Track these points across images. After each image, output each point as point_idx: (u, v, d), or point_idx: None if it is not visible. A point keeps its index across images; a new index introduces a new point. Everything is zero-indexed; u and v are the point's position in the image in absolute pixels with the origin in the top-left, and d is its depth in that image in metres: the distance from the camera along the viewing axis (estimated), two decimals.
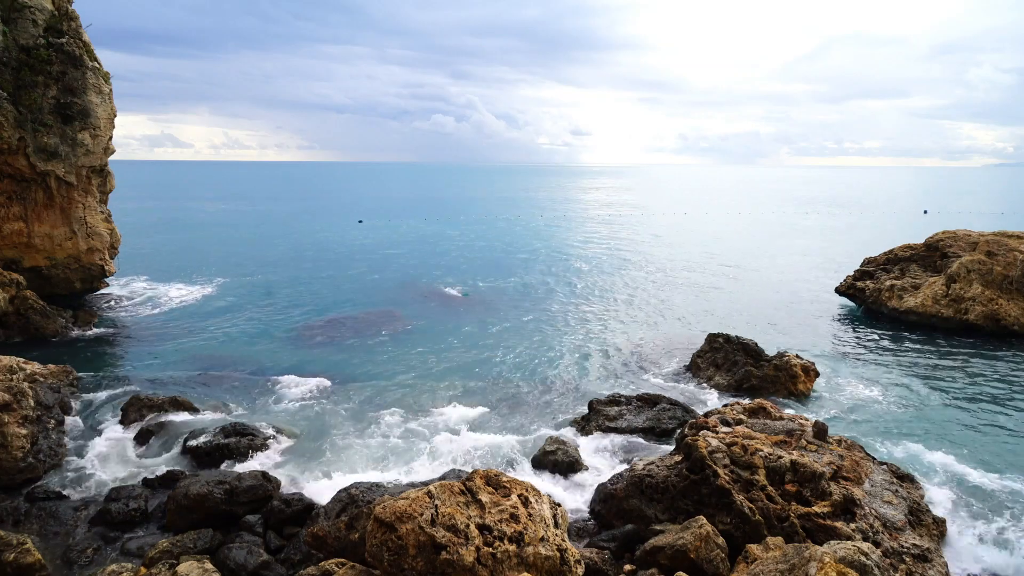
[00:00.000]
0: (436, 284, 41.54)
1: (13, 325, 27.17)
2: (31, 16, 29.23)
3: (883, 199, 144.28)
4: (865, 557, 9.86)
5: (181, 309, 34.11)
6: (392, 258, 52.99)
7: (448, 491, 10.61)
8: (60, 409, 18.40)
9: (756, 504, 12.71)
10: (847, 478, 13.59)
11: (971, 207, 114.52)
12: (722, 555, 11.79)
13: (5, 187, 29.71)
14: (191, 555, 12.40)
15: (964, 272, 30.47)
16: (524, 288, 40.76)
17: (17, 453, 15.85)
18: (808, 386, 22.16)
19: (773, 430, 15.25)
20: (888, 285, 33.40)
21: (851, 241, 64.73)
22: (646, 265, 50.07)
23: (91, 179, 32.63)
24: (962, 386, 23.20)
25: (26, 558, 12.10)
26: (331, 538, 11.99)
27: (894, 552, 11.85)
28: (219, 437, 17.36)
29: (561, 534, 10.85)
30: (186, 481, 14.52)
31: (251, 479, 14.60)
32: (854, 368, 25.18)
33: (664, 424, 18.68)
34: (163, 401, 19.30)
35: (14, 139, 28.36)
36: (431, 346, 27.88)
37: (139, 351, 26.86)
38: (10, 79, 28.39)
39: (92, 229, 32.58)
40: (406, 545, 9.77)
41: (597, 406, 19.81)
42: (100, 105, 31.17)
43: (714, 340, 24.22)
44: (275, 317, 32.69)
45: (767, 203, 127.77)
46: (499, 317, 33.11)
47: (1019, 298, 29.30)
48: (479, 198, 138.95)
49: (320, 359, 25.95)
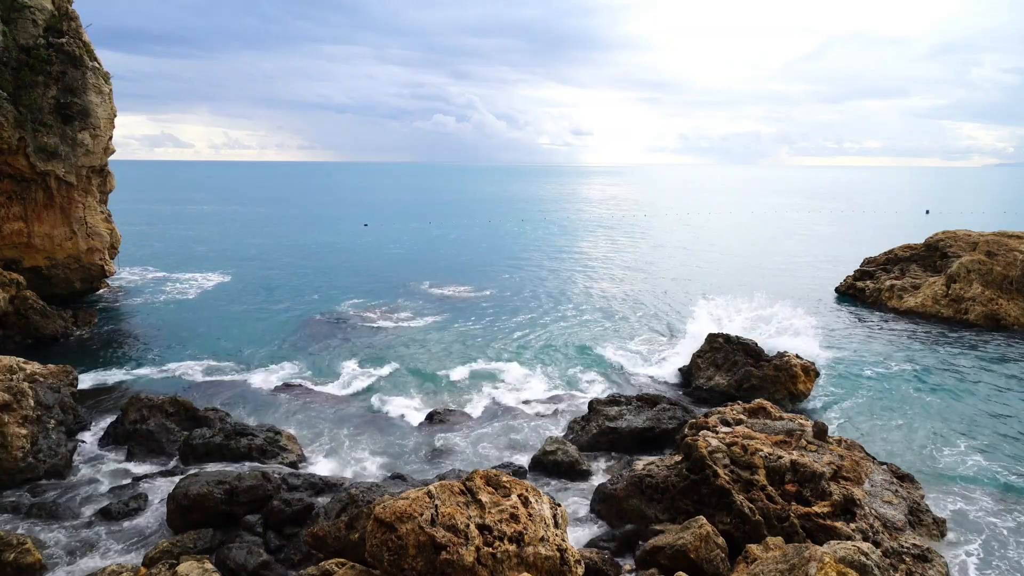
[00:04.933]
0: (437, 284, 41.52)
1: (13, 325, 27.16)
2: (31, 16, 29.23)
3: (883, 199, 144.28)
4: (865, 557, 9.86)
5: (182, 309, 34.10)
6: (394, 258, 53.00)
7: (448, 491, 10.60)
8: (60, 409, 18.39)
9: (756, 504, 12.71)
10: (847, 478, 13.59)
11: (971, 207, 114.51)
12: (722, 555, 11.79)
13: (5, 187, 29.71)
14: (191, 555, 12.39)
15: (964, 272, 30.47)
16: (524, 288, 40.75)
17: (17, 453, 15.85)
18: (808, 386, 22.15)
19: (773, 430, 15.24)
20: (888, 285, 33.40)
21: (851, 241, 64.72)
22: (646, 265, 50.07)
23: (91, 179, 32.63)
24: (962, 386, 23.20)
25: (26, 558, 12.10)
26: (331, 538, 11.98)
27: (894, 552, 11.85)
28: (219, 437, 17.36)
29: (561, 534, 10.84)
30: (186, 481, 14.50)
31: (251, 479, 14.59)
32: (854, 368, 25.17)
33: (664, 424, 18.67)
34: (163, 401, 19.28)
35: (14, 139, 28.36)
36: (432, 346, 27.89)
37: (139, 350, 26.86)
38: (10, 79, 28.39)
39: (92, 229, 32.58)
40: (406, 545, 9.77)
41: (597, 406, 19.80)
42: (100, 105, 31.16)
43: (714, 340, 24.20)
44: (275, 317, 32.68)
45: (767, 203, 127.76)
46: (498, 317, 33.10)
47: (1019, 298, 29.30)
48: (480, 198, 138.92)
49: (321, 359, 25.94)
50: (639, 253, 56.93)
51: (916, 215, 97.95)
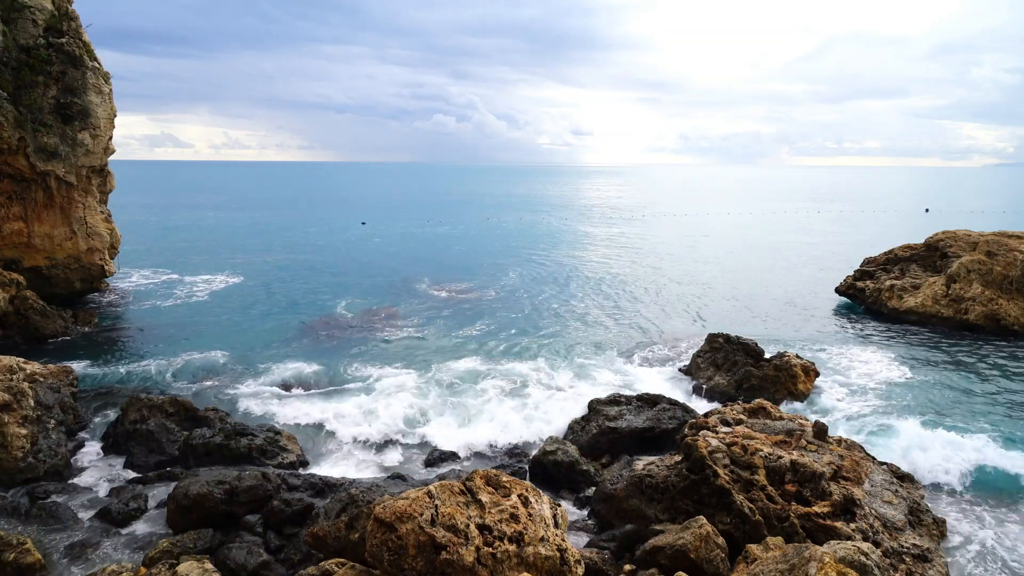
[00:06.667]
0: (436, 283, 41.52)
1: (13, 325, 27.15)
2: (31, 16, 29.23)
3: (883, 199, 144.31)
4: (865, 557, 9.86)
5: (182, 309, 34.10)
6: (394, 258, 52.99)
7: (448, 491, 10.60)
8: (60, 409, 18.39)
9: (756, 504, 12.71)
10: (847, 478, 13.59)
11: (971, 207, 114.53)
12: (722, 555, 11.79)
13: (5, 187, 29.70)
14: (191, 555, 12.40)
15: (964, 272, 30.47)
16: (524, 287, 40.75)
17: (17, 453, 15.85)
18: (808, 386, 22.15)
19: (773, 430, 15.25)
20: (888, 285, 33.41)
21: (851, 241, 64.73)
22: (646, 265, 50.07)
23: (91, 179, 32.63)
24: (962, 386, 23.20)
25: (26, 558, 12.11)
26: (331, 538, 11.98)
27: (894, 552, 11.85)
28: (219, 437, 17.37)
29: (561, 534, 10.84)
30: (186, 481, 14.50)
31: (251, 479, 14.59)
32: (854, 368, 25.17)
33: (664, 424, 18.67)
34: (163, 401, 19.29)
35: (14, 139, 28.35)
36: (431, 345, 27.88)
37: (139, 351, 26.85)
38: (10, 79, 28.39)
39: (92, 229, 32.58)
40: (406, 545, 9.77)
41: (597, 406, 19.80)
42: (100, 105, 31.16)
43: (714, 340, 24.21)
44: (276, 318, 32.67)
45: (767, 203, 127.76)
46: (498, 316, 33.10)
47: (1019, 298, 29.30)
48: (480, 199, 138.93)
49: (321, 359, 25.91)
50: (639, 253, 56.93)
51: (916, 215, 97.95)
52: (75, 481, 16.41)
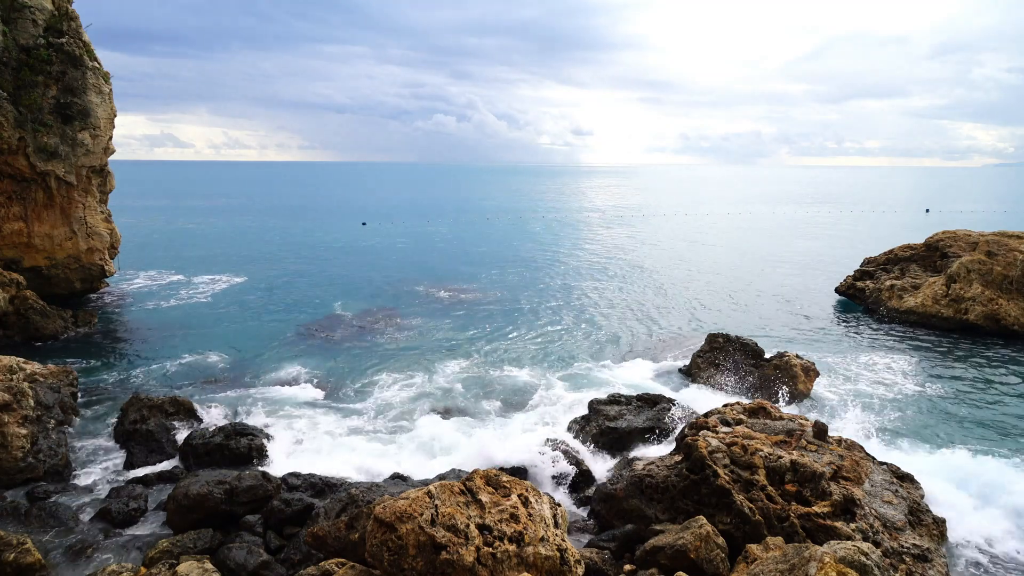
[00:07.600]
0: (437, 284, 41.53)
1: (13, 325, 27.15)
2: (31, 16, 29.24)
3: (883, 199, 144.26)
4: (865, 557, 9.85)
5: (181, 309, 34.11)
6: (394, 259, 53.00)
7: (448, 491, 10.60)
8: (60, 409, 18.39)
9: (756, 504, 12.70)
10: (847, 478, 13.58)
11: (971, 207, 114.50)
12: (722, 555, 11.78)
13: (5, 187, 29.71)
14: (191, 555, 12.39)
15: (964, 272, 30.46)
16: (524, 287, 40.75)
17: (17, 453, 15.85)
18: (808, 386, 22.15)
19: (773, 430, 15.24)
20: (888, 285, 33.40)
21: (851, 241, 64.73)
22: (646, 265, 50.07)
23: (91, 179, 32.63)
24: (962, 386, 23.20)
25: (26, 558, 12.10)
26: (331, 538, 11.98)
27: (894, 552, 11.85)
28: (219, 437, 17.36)
29: (561, 534, 10.84)
30: (186, 481, 14.50)
31: (251, 479, 14.59)
32: (854, 368, 25.18)
33: (664, 424, 18.66)
34: (163, 401, 19.28)
35: (14, 139, 28.36)
36: (431, 345, 27.88)
37: (139, 351, 26.86)
38: (10, 79, 28.40)
39: (92, 229, 32.59)
40: (406, 545, 9.76)
41: (597, 406, 19.79)
42: (100, 105, 31.16)
43: (714, 340, 24.21)
44: (276, 319, 32.69)
45: (768, 203, 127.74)
46: (498, 317, 33.10)
47: (1019, 298, 29.29)
48: (480, 199, 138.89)
49: (321, 359, 25.94)
50: (639, 253, 56.93)
51: (916, 215, 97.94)
52: (75, 481, 16.40)
